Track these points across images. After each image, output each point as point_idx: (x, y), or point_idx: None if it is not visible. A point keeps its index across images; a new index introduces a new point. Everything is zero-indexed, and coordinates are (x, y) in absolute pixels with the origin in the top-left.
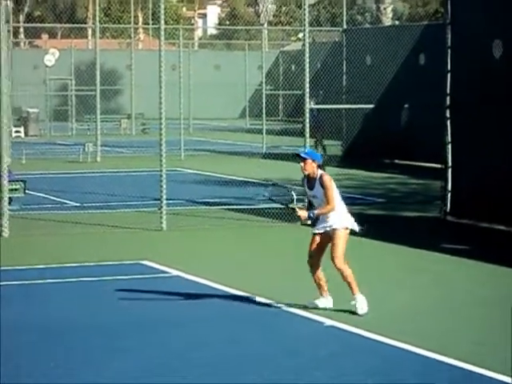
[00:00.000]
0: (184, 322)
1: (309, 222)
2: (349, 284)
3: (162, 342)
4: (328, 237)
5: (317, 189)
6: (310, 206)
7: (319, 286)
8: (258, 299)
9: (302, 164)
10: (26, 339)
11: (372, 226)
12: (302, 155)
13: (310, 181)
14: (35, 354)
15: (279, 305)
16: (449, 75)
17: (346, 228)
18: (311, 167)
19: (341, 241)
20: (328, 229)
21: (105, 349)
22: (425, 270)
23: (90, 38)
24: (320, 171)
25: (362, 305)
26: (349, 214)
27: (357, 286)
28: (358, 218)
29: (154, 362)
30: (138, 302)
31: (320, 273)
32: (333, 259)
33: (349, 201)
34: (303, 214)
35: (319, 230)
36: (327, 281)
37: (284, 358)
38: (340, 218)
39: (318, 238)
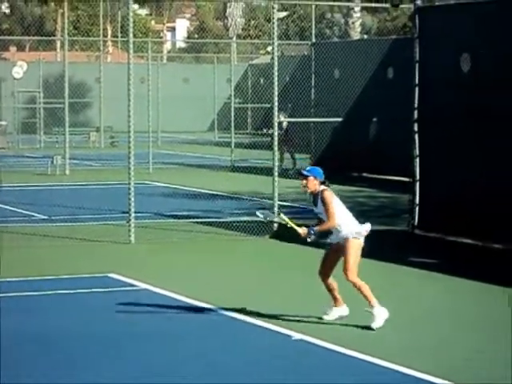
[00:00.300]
0: (150, 335)
1: (311, 239)
2: (365, 297)
3: (127, 355)
4: (341, 249)
5: (320, 205)
6: (320, 223)
7: (333, 296)
8: (225, 312)
9: (305, 182)
10: None
11: None
12: (304, 173)
13: (314, 198)
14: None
15: (247, 318)
16: (417, 89)
17: (358, 238)
18: (313, 184)
19: (353, 252)
20: (341, 241)
21: (70, 363)
22: (393, 283)
23: (58, 50)
24: (322, 187)
25: (377, 318)
26: (359, 225)
27: (373, 298)
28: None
29: (119, 375)
30: (105, 315)
31: (333, 282)
32: (344, 271)
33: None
34: (303, 230)
35: (333, 240)
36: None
37: (248, 373)
38: (351, 230)
39: (331, 251)
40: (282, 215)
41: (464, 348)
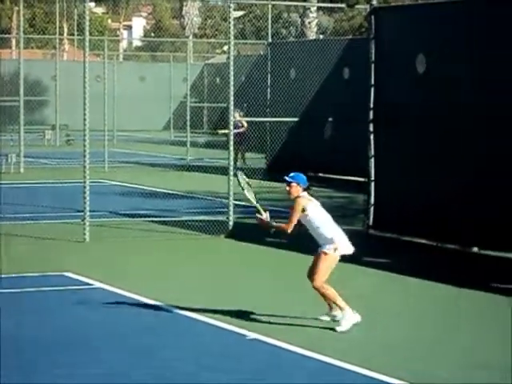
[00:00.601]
0: (105, 335)
1: (270, 230)
2: (333, 303)
3: (80, 353)
4: (317, 256)
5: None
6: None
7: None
8: (180, 312)
9: (287, 188)
10: None
11: (295, 239)
12: (288, 179)
13: None
14: None
15: (200, 317)
16: (372, 89)
17: (334, 251)
18: (296, 191)
19: (326, 264)
20: (318, 250)
21: (27, 361)
22: (347, 283)
23: (14, 48)
24: (302, 194)
25: (343, 322)
26: (343, 238)
27: (343, 302)
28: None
29: (77, 372)
30: (61, 314)
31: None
32: (311, 277)
33: (273, 213)
34: (264, 217)
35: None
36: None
37: (203, 373)
38: (329, 241)
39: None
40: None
41: (417, 346)
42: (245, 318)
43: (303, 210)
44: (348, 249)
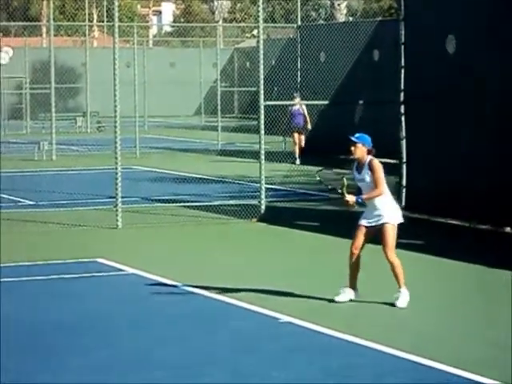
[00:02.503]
0: (141, 321)
1: (355, 208)
2: (396, 276)
3: (122, 340)
4: (375, 229)
5: (365, 173)
6: (359, 193)
7: (354, 278)
8: (216, 296)
9: (352, 148)
10: None
11: (327, 222)
12: (353, 139)
13: (359, 165)
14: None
15: (236, 301)
16: (402, 71)
17: (395, 224)
18: (361, 151)
19: (391, 235)
20: (378, 222)
21: (67, 347)
22: (379, 265)
23: (44, 35)
24: (370, 156)
25: (403, 298)
26: (396, 206)
27: (403, 279)
28: (315, 214)
29: (113, 359)
30: (94, 299)
31: (358, 265)
32: (385, 252)
33: (304, 197)
34: (351, 198)
35: (370, 223)
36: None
37: (239, 357)
38: (388, 211)
39: (364, 230)
40: (344, 179)
41: (451, 329)
42: (278, 301)
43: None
44: (401, 218)
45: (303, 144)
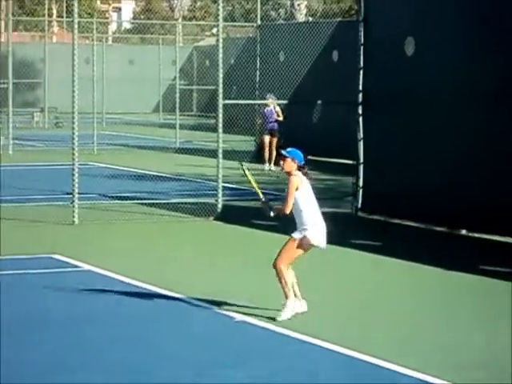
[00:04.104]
0: (95, 318)
1: (268, 213)
2: (282, 289)
3: (74, 337)
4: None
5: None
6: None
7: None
8: (169, 293)
9: (281, 162)
10: None
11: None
12: (283, 153)
13: None
14: None
15: (189, 299)
16: (361, 72)
17: (296, 238)
18: (289, 166)
19: (286, 247)
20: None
21: (15, 342)
22: (335, 266)
23: (2, 30)
24: (296, 172)
25: (285, 311)
26: (317, 229)
27: (290, 291)
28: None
29: (66, 357)
30: (49, 296)
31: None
32: (275, 259)
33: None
34: (265, 199)
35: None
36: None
37: (193, 355)
38: (298, 226)
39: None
40: (244, 167)
41: (402, 328)
42: (231, 300)
43: (296, 189)
44: (318, 241)
45: (275, 146)
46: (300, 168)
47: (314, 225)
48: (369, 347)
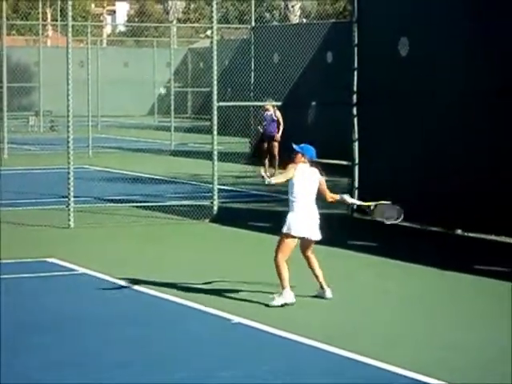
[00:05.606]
0: (91, 320)
1: (266, 182)
2: (279, 280)
3: (70, 340)
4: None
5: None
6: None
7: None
8: (166, 296)
9: (293, 155)
10: None
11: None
12: (294, 147)
13: None
14: None
15: (185, 301)
16: (355, 73)
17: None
18: (298, 160)
19: (279, 242)
20: None
21: (17, 344)
22: (331, 266)
23: None
24: (301, 165)
25: (278, 298)
26: (301, 220)
27: (286, 282)
28: (268, 214)
29: (64, 358)
30: (45, 299)
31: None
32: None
33: (257, 198)
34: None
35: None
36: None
37: (190, 357)
38: (287, 219)
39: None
40: None
41: (397, 328)
42: (228, 302)
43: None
44: (297, 232)
45: (276, 152)
46: (311, 162)
47: (295, 213)
48: (365, 347)
